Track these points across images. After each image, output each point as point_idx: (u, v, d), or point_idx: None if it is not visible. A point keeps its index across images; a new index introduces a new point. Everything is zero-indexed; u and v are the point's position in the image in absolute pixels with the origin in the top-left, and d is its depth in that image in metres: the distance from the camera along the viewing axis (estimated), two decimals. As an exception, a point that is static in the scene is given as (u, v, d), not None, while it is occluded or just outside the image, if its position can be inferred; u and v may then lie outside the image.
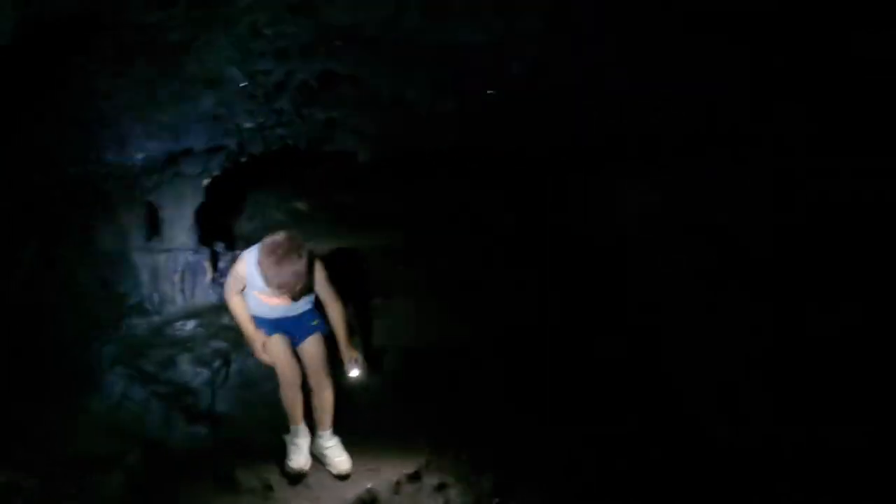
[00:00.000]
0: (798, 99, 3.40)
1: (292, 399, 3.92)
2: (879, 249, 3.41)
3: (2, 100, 3.50)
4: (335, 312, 3.89)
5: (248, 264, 3.59)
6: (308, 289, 3.70)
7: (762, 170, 4.03)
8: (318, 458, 4.03)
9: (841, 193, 3.55)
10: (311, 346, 3.91)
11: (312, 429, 4.03)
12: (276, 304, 3.69)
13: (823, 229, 3.66)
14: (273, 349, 3.85)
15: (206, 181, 4.78)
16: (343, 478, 3.93)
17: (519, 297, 6.14)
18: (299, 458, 3.97)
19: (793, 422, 3.67)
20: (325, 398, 3.93)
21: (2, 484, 3.29)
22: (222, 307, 4.82)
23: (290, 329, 3.90)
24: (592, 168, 5.35)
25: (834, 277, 3.63)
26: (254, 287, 3.66)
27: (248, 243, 6.03)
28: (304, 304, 3.89)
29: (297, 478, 3.92)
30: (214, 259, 5.03)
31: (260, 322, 3.85)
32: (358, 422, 4.30)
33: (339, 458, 3.98)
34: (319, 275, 3.75)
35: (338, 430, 4.05)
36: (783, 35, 2.92)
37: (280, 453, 4.03)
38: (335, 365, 4.00)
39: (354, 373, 3.95)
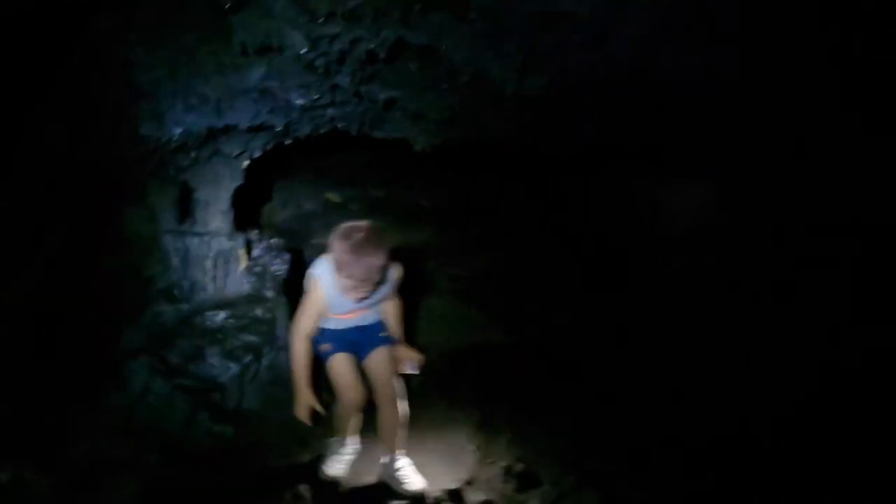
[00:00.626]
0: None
1: (349, 418, 3.62)
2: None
3: (34, 71, 3.31)
4: (393, 310, 3.64)
5: (323, 277, 3.24)
6: (379, 287, 3.33)
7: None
8: (386, 481, 3.69)
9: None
10: (379, 359, 3.58)
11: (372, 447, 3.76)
12: (346, 318, 3.42)
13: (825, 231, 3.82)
14: (336, 368, 3.50)
15: (245, 163, 4.49)
16: (417, 497, 3.58)
17: (554, 296, 6.08)
18: (337, 467, 3.68)
19: (793, 421, 3.75)
20: (395, 415, 3.59)
21: (10, 483, 3.03)
22: (255, 298, 4.62)
23: (357, 340, 3.57)
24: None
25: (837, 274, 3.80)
26: (332, 309, 3.36)
27: (280, 232, 5.87)
28: (374, 315, 3.58)
29: (330, 487, 3.61)
30: (249, 247, 4.73)
31: (327, 334, 3.51)
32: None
33: (414, 477, 3.65)
34: (395, 275, 3.45)
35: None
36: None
37: (313, 459, 3.80)
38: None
39: (412, 370, 3.69)
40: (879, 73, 3.05)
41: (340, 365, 3.49)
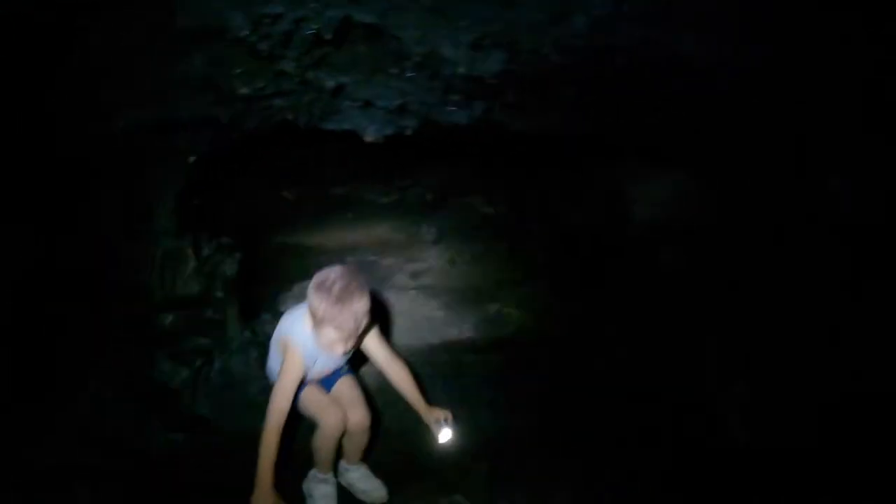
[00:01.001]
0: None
1: (330, 447, 3.34)
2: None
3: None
4: (404, 372, 3.33)
5: (301, 338, 2.98)
6: (365, 335, 3.14)
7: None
8: (347, 488, 3.58)
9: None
10: (345, 383, 3.43)
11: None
12: (319, 375, 3.26)
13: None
14: (310, 396, 3.27)
15: (191, 159, 4.32)
16: None
17: (527, 295, 6.00)
18: None
19: (792, 421, 3.74)
20: (364, 435, 3.45)
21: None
22: (204, 300, 4.45)
23: (322, 382, 3.42)
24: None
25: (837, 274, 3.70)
26: (311, 372, 3.15)
27: (231, 231, 5.70)
28: (344, 359, 3.36)
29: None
30: (197, 247, 4.58)
31: None
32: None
33: (373, 484, 3.54)
34: (373, 326, 3.21)
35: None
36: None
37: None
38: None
39: (446, 436, 3.34)
40: (880, 73, 3.00)
41: (313, 393, 3.30)
